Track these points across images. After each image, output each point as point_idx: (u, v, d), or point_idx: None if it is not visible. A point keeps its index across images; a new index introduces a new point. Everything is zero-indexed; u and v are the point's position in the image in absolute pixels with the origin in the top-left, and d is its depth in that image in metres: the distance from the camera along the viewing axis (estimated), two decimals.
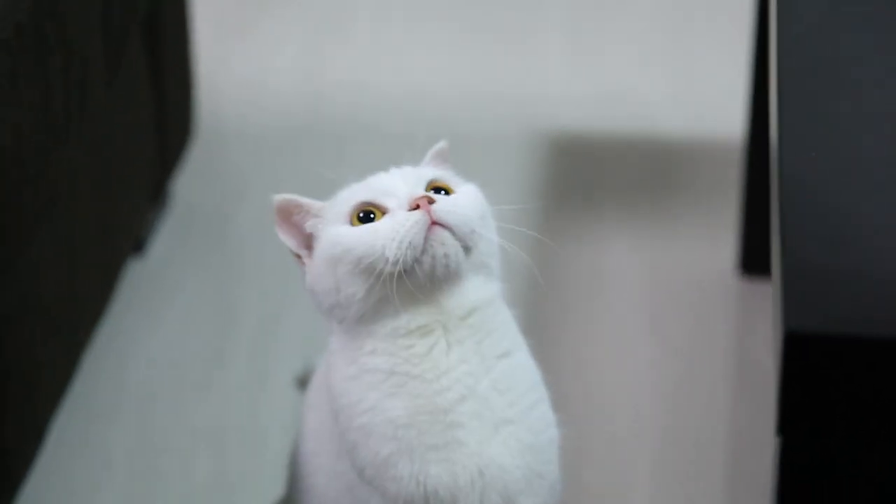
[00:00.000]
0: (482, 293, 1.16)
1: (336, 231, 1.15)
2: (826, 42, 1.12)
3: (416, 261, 1.11)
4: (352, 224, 1.15)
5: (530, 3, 2.49)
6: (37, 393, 1.54)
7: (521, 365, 1.19)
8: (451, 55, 2.36)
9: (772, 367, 1.74)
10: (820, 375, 0.85)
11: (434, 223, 1.12)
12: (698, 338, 1.81)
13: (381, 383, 1.15)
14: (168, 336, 1.84)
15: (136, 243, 1.92)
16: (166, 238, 1.98)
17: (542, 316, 1.11)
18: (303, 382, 1.63)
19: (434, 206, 1.12)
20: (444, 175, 1.20)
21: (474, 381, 1.15)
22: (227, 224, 2.02)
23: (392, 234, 1.12)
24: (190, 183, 2.07)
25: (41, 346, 1.54)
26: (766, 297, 1.86)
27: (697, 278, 1.90)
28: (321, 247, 1.16)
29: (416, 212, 1.12)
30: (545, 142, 2.16)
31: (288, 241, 1.19)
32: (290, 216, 1.20)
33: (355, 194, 1.18)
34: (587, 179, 2.09)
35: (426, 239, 1.11)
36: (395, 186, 1.16)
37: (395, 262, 1.11)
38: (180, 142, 1.98)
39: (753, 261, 1.89)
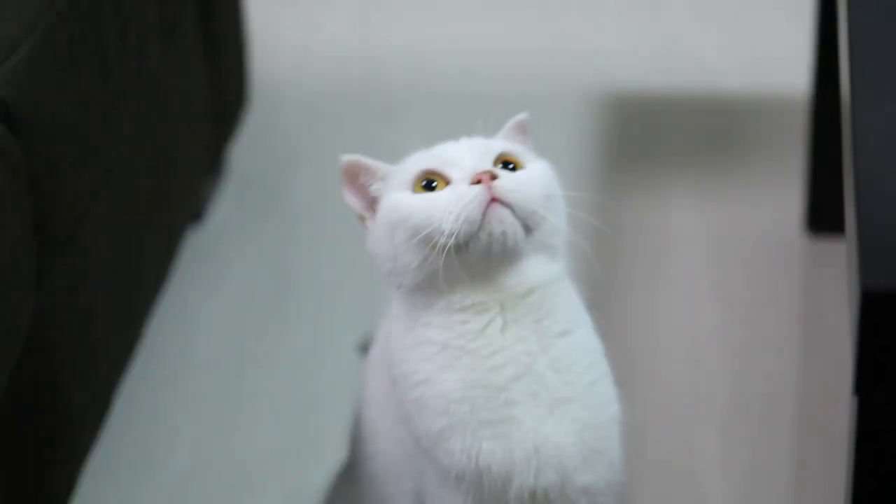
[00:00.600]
0: (543, 273, 1.15)
1: (397, 197, 1.14)
2: None
3: (473, 236, 1.10)
4: (414, 191, 1.14)
5: None
6: (102, 361, 1.56)
7: (582, 343, 1.18)
8: (504, 16, 2.36)
9: (840, 327, 1.73)
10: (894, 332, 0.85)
11: (494, 200, 1.10)
12: (765, 298, 1.81)
13: (436, 355, 1.15)
14: (229, 304, 1.85)
15: (195, 212, 1.93)
16: (224, 207, 1.99)
17: (606, 279, 1.11)
18: (364, 348, 1.64)
19: (496, 183, 1.10)
20: (516, 149, 1.18)
21: (531, 360, 1.15)
22: (283, 191, 2.03)
23: (450, 206, 1.10)
24: (246, 151, 2.08)
25: (104, 315, 1.56)
26: (833, 256, 1.85)
27: (763, 237, 1.89)
28: (381, 211, 1.16)
29: (477, 186, 1.10)
30: (604, 100, 2.15)
31: (353, 202, 1.19)
32: (356, 178, 1.19)
33: (421, 162, 1.16)
34: (648, 138, 2.09)
35: (484, 215, 1.10)
36: (461, 157, 1.15)
37: (451, 235, 1.09)
38: (235, 109, 1.98)
39: (820, 219, 1.88)
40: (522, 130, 1.22)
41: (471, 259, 1.11)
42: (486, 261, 1.11)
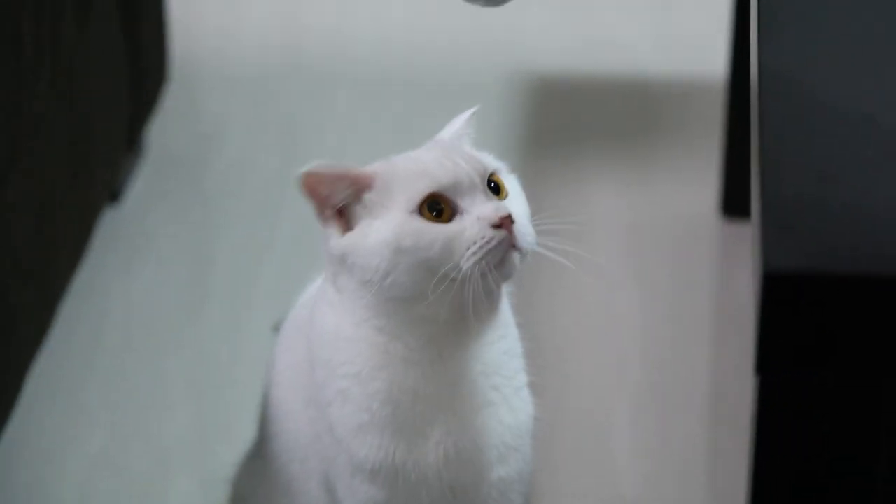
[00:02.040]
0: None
1: (411, 224, 1.11)
2: None
3: (484, 274, 1.10)
4: (422, 215, 1.12)
5: None
6: (13, 340, 1.54)
7: (510, 348, 1.19)
8: (425, 0, 2.36)
9: (752, 307, 1.75)
10: (797, 314, 0.85)
11: (513, 245, 1.10)
12: (681, 279, 1.82)
13: (375, 355, 1.15)
14: (145, 284, 1.84)
15: (112, 192, 1.92)
16: (142, 186, 1.98)
17: (532, 257, 1.12)
18: (277, 329, 1.64)
19: (516, 229, 1.10)
20: (497, 165, 1.17)
21: (466, 368, 1.16)
22: (203, 171, 2.02)
23: (472, 245, 1.10)
24: (165, 129, 2.06)
25: (16, 294, 1.54)
26: (747, 239, 1.86)
27: (680, 220, 1.90)
28: (385, 229, 1.12)
29: (501, 232, 1.10)
30: (526, 86, 2.16)
31: (314, 207, 1.15)
32: (317, 189, 1.14)
33: (421, 181, 1.12)
34: (569, 122, 2.09)
35: (504, 256, 1.10)
36: (464, 180, 1.12)
37: (467, 272, 1.09)
38: (154, 87, 1.97)
39: (735, 203, 1.89)
40: (468, 125, 1.22)
41: (470, 290, 1.10)
42: (482, 292, 1.11)
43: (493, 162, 1.16)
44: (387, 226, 1.12)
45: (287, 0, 2.36)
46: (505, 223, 1.10)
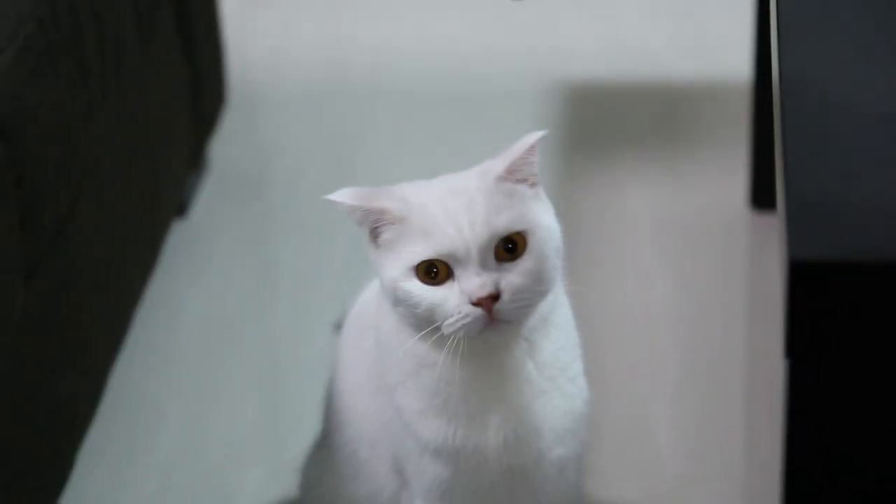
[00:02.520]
0: (541, 315, 1.15)
1: (405, 281, 1.10)
2: None
3: (467, 337, 1.10)
4: (418, 274, 1.10)
5: None
6: (93, 348, 1.55)
7: (564, 342, 1.19)
8: (466, 15, 2.35)
9: (782, 294, 1.74)
10: (823, 301, 0.85)
11: (494, 319, 1.08)
12: (713, 270, 1.81)
13: (419, 356, 1.15)
14: (212, 292, 1.85)
15: (179, 207, 1.93)
16: (206, 200, 1.99)
17: (568, 251, 1.12)
18: (340, 327, 1.64)
19: (498, 307, 1.08)
20: (521, 218, 1.11)
21: (520, 365, 1.16)
22: (261, 184, 2.03)
23: (451, 316, 1.09)
24: (226, 147, 2.07)
25: (93, 307, 1.55)
26: (776, 229, 1.85)
27: (712, 214, 1.90)
28: (388, 272, 1.12)
29: (478, 310, 1.08)
30: (561, 93, 2.15)
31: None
32: (355, 214, 1.14)
33: (422, 244, 1.10)
34: (603, 126, 2.09)
35: (482, 329, 1.09)
36: (460, 251, 1.09)
37: (451, 335, 1.10)
38: (214, 107, 1.98)
39: (764, 196, 1.89)
40: (533, 150, 1.15)
41: (461, 342, 1.10)
42: (484, 346, 1.12)
43: (506, 221, 1.10)
44: (389, 270, 1.12)
45: (332, 22, 2.36)
46: (484, 303, 1.07)
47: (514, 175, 1.12)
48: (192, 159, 1.92)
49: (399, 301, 1.11)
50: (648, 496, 1.52)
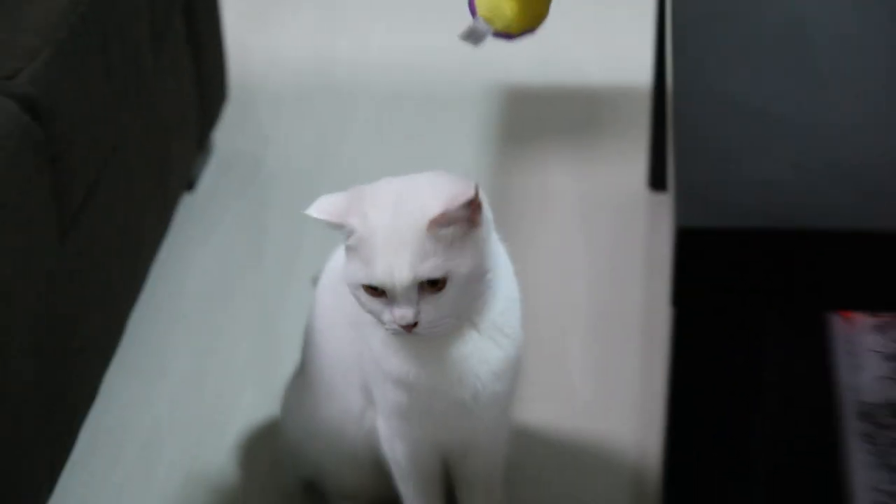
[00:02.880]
0: (477, 306, 1.14)
1: (354, 290, 1.11)
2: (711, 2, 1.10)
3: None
4: (362, 287, 1.10)
5: None
6: (115, 296, 1.54)
7: (503, 309, 1.18)
8: (425, 29, 2.34)
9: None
10: (701, 259, 0.85)
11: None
12: (618, 235, 1.82)
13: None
14: (215, 251, 1.83)
15: (188, 183, 1.91)
16: (210, 178, 1.97)
17: (503, 226, 1.12)
18: (315, 281, 1.63)
19: (415, 330, 1.09)
20: (442, 265, 1.08)
21: (465, 331, 1.15)
22: (256, 165, 2.01)
23: (385, 324, 1.10)
24: (226, 134, 2.05)
25: (116, 261, 1.54)
26: (667, 206, 1.86)
27: (618, 192, 1.90)
28: (346, 275, 1.12)
29: (401, 329, 1.09)
30: (501, 94, 2.15)
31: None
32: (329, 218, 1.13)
33: (366, 271, 1.08)
34: (534, 122, 2.08)
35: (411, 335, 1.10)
36: (389, 287, 1.08)
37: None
38: (217, 102, 1.96)
39: (659, 179, 1.89)
40: (472, 206, 1.09)
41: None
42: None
43: (430, 267, 1.07)
44: (347, 273, 1.11)
45: (317, 32, 2.34)
46: (405, 328, 1.08)
47: (444, 222, 1.07)
48: (199, 144, 1.91)
49: (352, 294, 1.12)
50: (561, 417, 1.53)
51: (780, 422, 1.11)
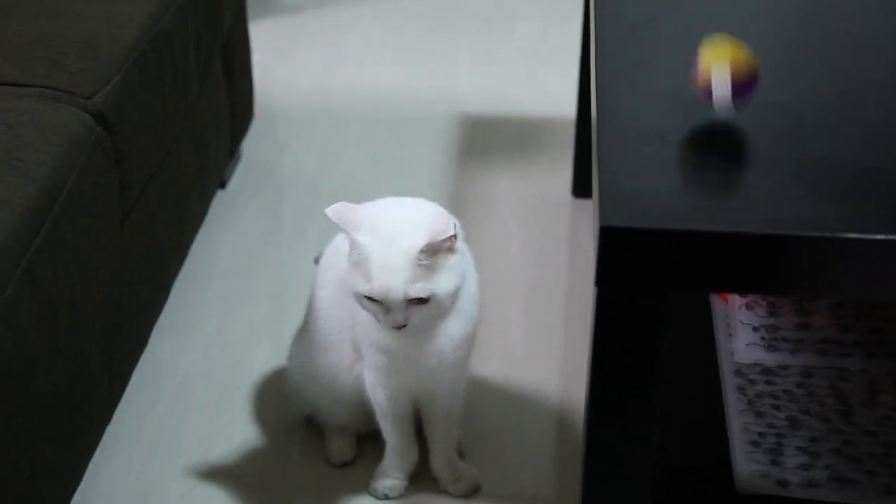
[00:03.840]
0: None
1: (357, 299, 1.09)
2: (631, 46, 1.09)
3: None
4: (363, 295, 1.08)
5: (449, 38, 2.44)
6: (163, 268, 1.52)
7: (466, 295, 1.16)
8: (406, 70, 2.32)
9: (592, 250, 1.74)
10: (616, 250, 0.84)
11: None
12: (549, 231, 1.81)
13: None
14: (241, 235, 1.81)
15: (221, 182, 1.88)
16: (239, 178, 1.94)
17: (463, 223, 1.12)
18: (317, 261, 1.61)
19: (404, 329, 1.08)
20: (426, 286, 1.06)
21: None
22: (274, 169, 1.99)
23: (380, 322, 1.09)
24: (252, 145, 2.02)
25: (164, 241, 1.51)
26: (587, 208, 1.86)
27: (549, 198, 1.89)
28: (349, 281, 1.09)
29: (393, 329, 1.09)
30: (458, 119, 2.14)
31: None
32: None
33: (366, 284, 1.07)
34: (482, 142, 2.07)
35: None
36: (384, 298, 1.07)
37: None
38: (246, 119, 1.93)
39: (581, 188, 1.88)
40: (450, 241, 1.07)
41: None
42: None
43: (420, 289, 1.06)
44: (349, 284, 1.08)
45: (322, 69, 2.32)
46: (396, 328, 1.08)
47: (429, 252, 1.06)
48: (231, 152, 1.88)
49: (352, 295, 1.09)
50: (502, 371, 1.52)
51: (676, 377, 1.11)
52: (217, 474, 1.35)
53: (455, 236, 1.07)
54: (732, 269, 0.83)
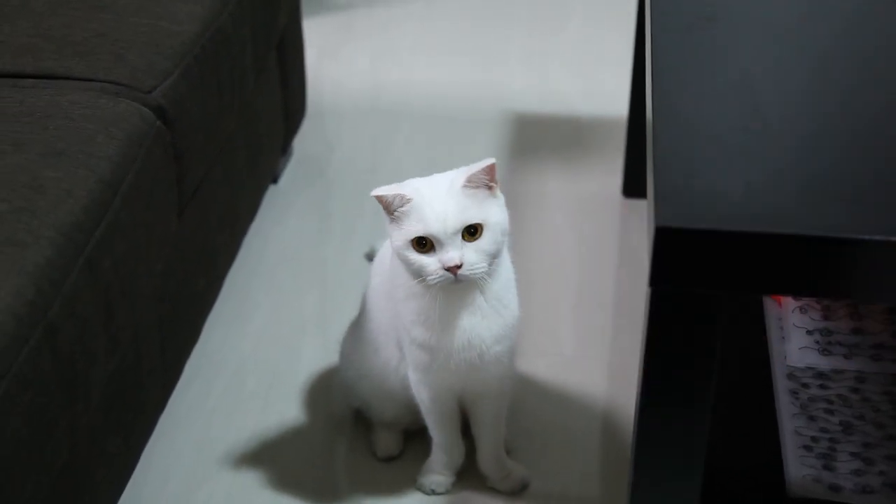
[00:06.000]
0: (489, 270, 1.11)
1: (403, 248, 1.09)
2: (688, 43, 1.09)
3: (441, 287, 1.09)
4: (412, 244, 1.08)
5: (500, 35, 2.45)
6: (217, 260, 1.54)
7: (504, 283, 1.16)
8: (458, 68, 2.33)
9: (641, 249, 1.74)
10: (671, 251, 0.84)
11: (457, 276, 1.07)
12: (599, 230, 1.81)
13: (409, 288, 1.14)
14: (292, 229, 1.83)
15: (273, 177, 1.91)
16: (290, 174, 1.97)
17: (513, 222, 1.11)
18: (369, 257, 1.62)
19: (459, 273, 1.07)
20: (479, 213, 1.07)
21: (472, 297, 1.13)
22: (325, 165, 2.01)
23: (431, 275, 1.08)
24: (303, 142, 2.05)
25: (218, 234, 1.54)
26: (640, 209, 1.85)
27: (599, 197, 1.89)
28: (395, 240, 1.09)
29: (448, 273, 1.07)
30: (509, 118, 2.14)
31: (384, 209, 1.12)
32: (382, 201, 1.11)
33: (419, 224, 1.07)
34: (533, 141, 2.08)
35: (450, 284, 1.08)
36: (441, 233, 1.07)
37: (428, 284, 1.09)
38: (298, 117, 1.96)
39: (632, 188, 1.88)
40: (490, 171, 1.10)
41: (437, 289, 1.10)
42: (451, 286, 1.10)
43: (476, 213, 1.07)
44: (397, 238, 1.09)
45: (373, 67, 2.33)
46: (452, 270, 1.06)
47: (473, 183, 1.08)
48: (283, 148, 1.90)
49: (401, 259, 1.10)
50: (550, 370, 1.52)
51: (728, 380, 1.11)
52: (267, 463, 1.38)
53: (493, 171, 1.08)
54: (788, 271, 0.82)
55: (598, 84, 2.23)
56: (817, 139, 0.93)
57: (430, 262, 1.07)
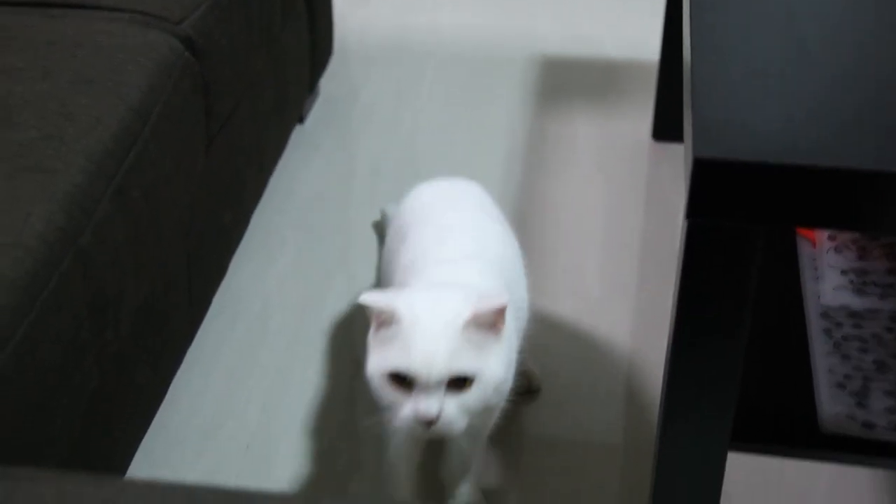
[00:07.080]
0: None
1: (378, 378, 0.94)
2: None
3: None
4: (389, 377, 0.93)
5: None
6: (244, 196, 1.54)
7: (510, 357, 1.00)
8: (486, 11, 2.30)
9: (671, 192, 1.72)
10: (709, 183, 0.82)
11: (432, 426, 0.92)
12: (628, 174, 1.79)
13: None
14: (317, 170, 1.82)
15: (299, 117, 1.89)
16: (317, 114, 1.95)
17: (537, 164, 1.09)
18: (378, 227, 1.62)
19: (432, 428, 0.91)
20: (473, 364, 0.92)
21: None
22: (351, 106, 1.99)
23: (400, 419, 0.93)
24: (330, 82, 2.03)
25: (246, 170, 1.53)
26: (668, 154, 1.83)
27: (629, 141, 1.86)
28: (372, 363, 0.94)
29: (420, 424, 0.91)
30: (537, 61, 2.11)
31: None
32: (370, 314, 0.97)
33: (399, 359, 0.92)
34: (562, 85, 2.05)
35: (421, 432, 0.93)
36: (422, 377, 0.92)
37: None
38: (325, 57, 1.93)
39: (662, 131, 1.85)
40: (500, 313, 0.93)
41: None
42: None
43: (460, 365, 0.91)
44: (372, 363, 0.94)
45: (401, 10, 2.30)
46: (424, 425, 0.91)
47: (478, 322, 0.93)
48: (309, 88, 1.88)
49: (371, 384, 0.95)
50: (578, 310, 1.52)
51: (761, 318, 1.09)
52: (291, 401, 1.38)
53: (504, 312, 0.93)
54: (825, 205, 0.81)
55: (628, 27, 2.19)
56: (858, 73, 0.91)
57: (404, 406, 0.92)
